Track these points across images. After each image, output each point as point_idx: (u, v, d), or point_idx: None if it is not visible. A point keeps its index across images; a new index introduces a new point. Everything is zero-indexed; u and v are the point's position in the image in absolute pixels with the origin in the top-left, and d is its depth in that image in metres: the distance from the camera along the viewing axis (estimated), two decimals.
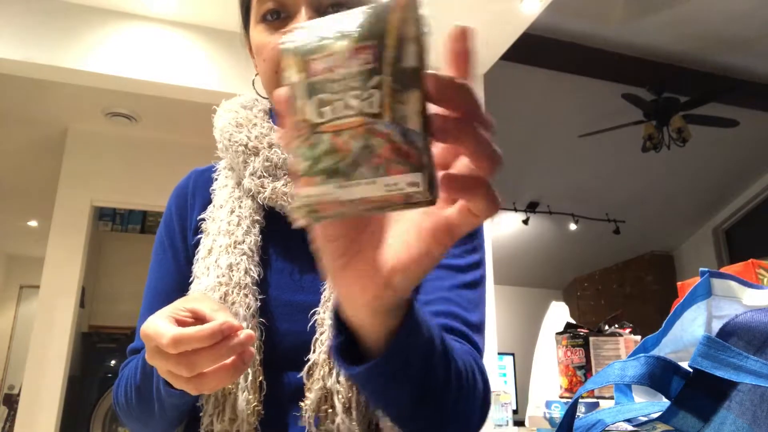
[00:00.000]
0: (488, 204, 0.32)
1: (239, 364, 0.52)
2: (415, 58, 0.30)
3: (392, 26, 0.30)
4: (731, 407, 0.37)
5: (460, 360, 0.54)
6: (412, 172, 0.29)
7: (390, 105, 0.30)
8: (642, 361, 0.40)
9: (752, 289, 0.45)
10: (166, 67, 2.92)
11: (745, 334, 0.38)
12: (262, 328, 0.66)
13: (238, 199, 0.73)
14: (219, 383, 0.52)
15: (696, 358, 0.38)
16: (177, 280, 0.73)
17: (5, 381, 7.09)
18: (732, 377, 0.36)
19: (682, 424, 0.39)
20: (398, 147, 0.29)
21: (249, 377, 0.63)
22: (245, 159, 0.72)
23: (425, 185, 0.29)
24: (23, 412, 3.34)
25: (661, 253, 7.04)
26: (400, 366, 0.44)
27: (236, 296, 0.66)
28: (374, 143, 0.30)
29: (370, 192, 0.30)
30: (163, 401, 0.61)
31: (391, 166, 0.29)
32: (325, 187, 0.31)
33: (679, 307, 0.48)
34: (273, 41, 0.66)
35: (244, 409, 0.62)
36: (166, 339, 0.49)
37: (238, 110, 0.76)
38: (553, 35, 4.07)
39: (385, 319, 0.41)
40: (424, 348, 0.45)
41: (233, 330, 0.50)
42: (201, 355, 0.49)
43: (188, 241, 0.76)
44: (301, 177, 0.31)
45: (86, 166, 3.86)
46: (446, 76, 0.31)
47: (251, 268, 0.68)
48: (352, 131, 0.30)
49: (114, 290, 4.47)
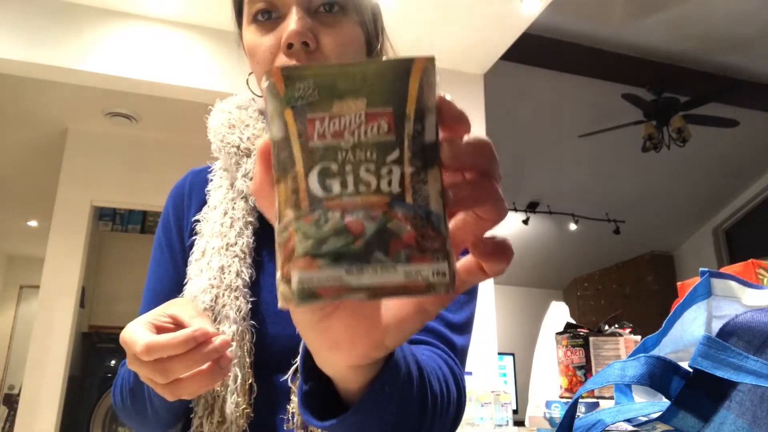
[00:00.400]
0: (505, 263, 0.30)
1: (216, 370, 0.52)
2: (434, 131, 0.27)
3: (413, 92, 0.27)
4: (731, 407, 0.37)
5: (435, 379, 0.51)
6: (440, 261, 0.27)
7: (412, 184, 0.27)
8: (642, 361, 0.40)
9: (752, 289, 0.45)
10: (166, 67, 2.92)
11: (745, 334, 0.38)
12: (253, 331, 0.66)
13: (232, 201, 0.73)
14: (196, 389, 0.52)
15: (696, 358, 0.38)
16: (175, 280, 0.73)
17: (5, 381, 7.09)
18: (732, 377, 0.36)
19: (682, 424, 0.39)
20: (423, 233, 0.26)
21: (239, 380, 0.63)
22: (237, 160, 0.71)
23: (450, 274, 0.27)
24: (23, 412, 3.34)
25: (661, 253, 7.04)
26: (375, 413, 0.40)
27: (227, 299, 0.66)
28: (395, 227, 0.26)
29: (386, 279, 0.26)
30: (154, 403, 0.62)
31: (415, 254, 0.26)
32: (331, 271, 0.26)
33: (679, 307, 0.48)
34: (265, 42, 0.66)
35: (233, 411, 0.62)
36: (139, 347, 0.49)
37: (232, 111, 0.76)
38: (553, 35, 4.07)
39: (364, 371, 0.37)
40: (401, 390, 0.42)
41: (208, 337, 0.50)
42: (175, 362, 0.49)
43: (185, 241, 0.76)
44: (297, 257, 0.26)
45: (86, 166, 3.86)
46: (460, 141, 0.28)
47: (243, 270, 0.68)
48: (368, 211, 0.26)
49: (114, 290, 4.47)
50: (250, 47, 0.68)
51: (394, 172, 0.27)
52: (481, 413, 2.19)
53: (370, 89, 0.27)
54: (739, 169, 5.87)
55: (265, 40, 0.66)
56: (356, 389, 0.38)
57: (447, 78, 3.37)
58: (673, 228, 6.78)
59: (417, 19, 2.94)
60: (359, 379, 0.38)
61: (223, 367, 0.53)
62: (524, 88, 4.63)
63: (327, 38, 0.64)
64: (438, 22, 3.00)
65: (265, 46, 0.66)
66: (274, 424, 0.64)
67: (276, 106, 0.27)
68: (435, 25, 3.01)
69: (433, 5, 2.88)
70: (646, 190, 6.10)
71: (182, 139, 3.88)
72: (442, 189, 0.27)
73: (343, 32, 0.66)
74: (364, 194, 0.26)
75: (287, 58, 0.64)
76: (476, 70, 3.44)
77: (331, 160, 0.27)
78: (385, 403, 0.39)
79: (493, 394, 2.22)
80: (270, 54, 0.65)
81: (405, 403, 0.43)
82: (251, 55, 0.68)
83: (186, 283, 0.70)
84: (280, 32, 0.64)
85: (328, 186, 0.27)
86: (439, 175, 0.27)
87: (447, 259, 0.27)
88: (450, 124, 0.28)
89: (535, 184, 6.04)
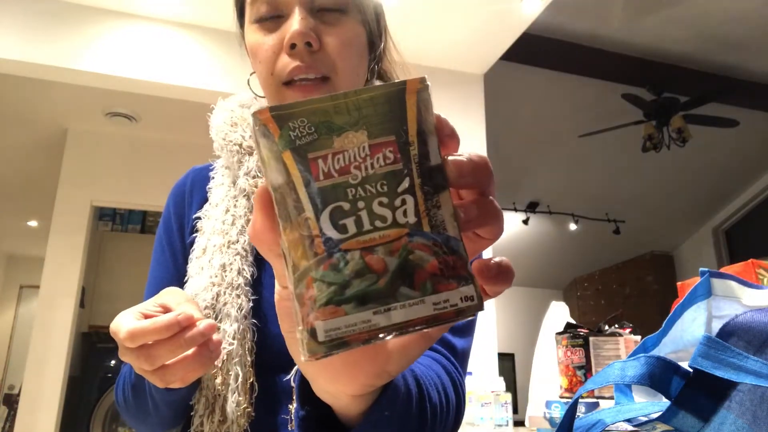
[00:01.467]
0: (508, 285, 0.30)
1: (205, 354, 0.51)
2: (437, 152, 0.27)
3: (411, 117, 0.26)
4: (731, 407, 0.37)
5: (434, 390, 0.51)
6: (465, 285, 0.26)
7: (426, 211, 0.26)
8: (642, 361, 0.40)
9: (752, 289, 0.45)
10: (166, 67, 2.92)
11: (745, 334, 0.38)
12: (254, 329, 0.65)
13: (234, 198, 0.72)
14: (184, 374, 0.52)
15: (696, 358, 0.38)
16: (175, 279, 0.73)
17: (5, 381, 7.09)
18: (732, 377, 0.36)
19: (682, 424, 0.39)
20: (445, 260, 0.26)
21: (240, 379, 0.62)
22: (240, 158, 0.72)
23: (478, 296, 0.26)
24: (23, 412, 3.34)
25: (661, 253, 7.04)
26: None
27: (228, 297, 0.65)
28: (417, 258, 0.25)
29: (416, 313, 0.25)
30: (155, 398, 0.62)
31: (440, 282, 0.26)
32: (358, 315, 0.25)
33: (679, 307, 0.48)
34: (268, 42, 0.66)
35: (234, 410, 0.61)
36: (122, 333, 0.49)
37: (234, 109, 0.76)
38: (553, 35, 4.07)
39: (364, 398, 0.36)
40: (400, 411, 0.41)
41: (192, 321, 0.50)
42: (159, 348, 0.49)
43: (185, 239, 0.76)
44: (320, 306, 0.25)
45: (86, 166, 3.86)
46: (464, 160, 0.28)
47: (244, 268, 0.67)
48: (388, 246, 0.25)
49: (114, 290, 4.47)
50: (253, 47, 0.68)
51: (407, 202, 0.26)
52: (481, 413, 2.19)
53: (368, 120, 0.26)
54: (739, 169, 5.87)
55: (268, 40, 0.66)
56: (355, 415, 0.38)
57: (447, 78, 3.37)
58: (673, 228, 6.78)
59: (417, 19, 2.94)
60: (359, 406, 0.37)
61: (213, 350, 0.52)
62: (524, 88, 4.63)
63: (330, 38, 0.65)
64: (438, 22, 3.00)
65: (267, 46, 0.66)
66: (275, 423, 0.63)
67: (271, 150, 0.26)
68: (435, 25, 3.01)
69: (433, 5, 2.88)
70: (646, 190, 6.11)
71: (182, 139, 3.88)
72: (454, 211, 0.27)
73: (345, 32, 0.66)
74: (382, 229, 0.25)
75: (290, 58, 0.64)
76: (476, 70, 3.44)
77: (341, 199, 0.25)
78: (385, 425, 0.38)
79: (493, 394, 2.22)
80: (273, 53, 0.65)
81: (404, 421, 0.43)
82: (253, 55, 0.68)
83: (187, 281, 0.70)
84: (283, 32, 0.64)
85: (343, 226, 0.25)
86: (449, 197, 0.27)
87: (472, 282, 0.26)
88: (447, 142, 0.28)
89: (535, 184, 6.04)
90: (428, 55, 3.25)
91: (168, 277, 0.74)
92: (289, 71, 0.64)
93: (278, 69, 0.65)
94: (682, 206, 6.38)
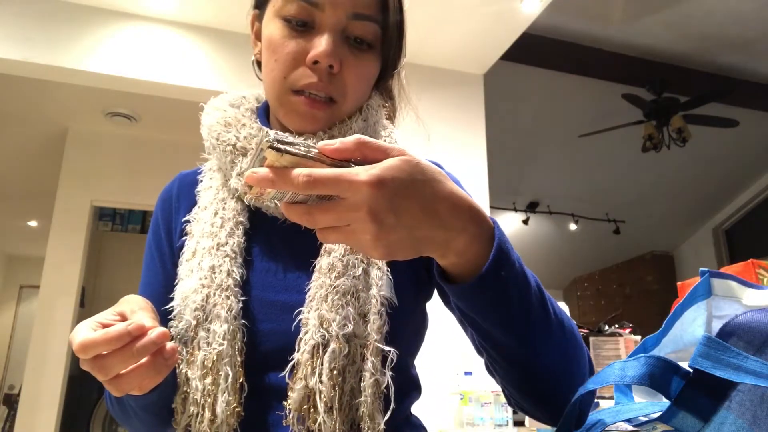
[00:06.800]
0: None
1: (159, 362, 0.52)
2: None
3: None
4: (731, 407, 0.37)
5: (562, 315, 0.58)
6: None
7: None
8: (642, 361, 0.40)
9: (752, 289, 0.45)
10: (166, 67, 2.92)
11: (745, 334, 0.38)
12: (244, 330, 0.66)
13: (222, 201, 0.73)
14: (139, 383, 0.52)
15: (696, 358, 0.38)
16: (165, 284, 0.73)
17: (5, 381, 7.10)
18: (732, 377, 0.36)
19: (682, 424, 0.39)
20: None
21: (230, 379, 0.62)
22: (233, 159, 0.71)
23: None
24: (23, 412, 3.34)
25: (661, 253, 7.04)
26: (500, 282, 0.49)
27: (218, 298, 0.66)
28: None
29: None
30: (130, 403, 0.63)
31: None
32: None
33: (679, 307, 0.48)
34: (291, 46, 0.67)
35: (223, 410, 0.61)
36: (75, 346, 0.50)
37: (227, 109, 0.76)
38: (553, 35, 4.07)
39: (477, 251, 0.48)
40: (516, 277, 0.51)
41: (142, 330, 0.50)
42: (110, 358, 0.50)
43: (174, 244, 0.76)
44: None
45: (86, 166, 3.86)
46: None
47: (234, 269, 0.68)
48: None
49: (114, 290, 4.45)
50: (272, 42, 0.69)
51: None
52: (481, 413, 2.19)
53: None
54: (739, 169, 5.87)
55: (292, 44, 0.67)
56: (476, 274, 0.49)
57: (447, 78, 3.37)
58: (673, 228, 6.78)
59: (417, 19, 2.93)
60: (475, 264, 0.49)
61: (167, 358, 0.52)
62: (524, 88, 4.63)
63: (349, 70, 0.68)
64: (438, 22, 3.00)
65: (290, 50, 0.67)
66: (265, 422, 0.64)
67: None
68: (435, 25, 3.01)
69: (433, 5, 2.88)
70: (646, 190, 6.11)
71: (182, 139, 3.88)
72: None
73: (365, 66, 0.70)
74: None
75: (309, 71, 0.67)
76: (476, 70, 3.44)
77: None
78: (503, 272, 0.49)
79: (493, 394, 2.22)
80: (293, 60, 0.67)
81: (524, 290, 0.52)
82: (272, 49, 0.69)
83: (177, 284, 0.70)
84: (309, 45, 0.67)
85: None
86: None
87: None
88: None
89: (535, 184, 6.04)
90: (428, 55, 3.26)
91: (158, 282, 0.75)
92: (304, 83, 0.67)
93: (294, 77, 0.67)
94: (682, 206, 6.38)
